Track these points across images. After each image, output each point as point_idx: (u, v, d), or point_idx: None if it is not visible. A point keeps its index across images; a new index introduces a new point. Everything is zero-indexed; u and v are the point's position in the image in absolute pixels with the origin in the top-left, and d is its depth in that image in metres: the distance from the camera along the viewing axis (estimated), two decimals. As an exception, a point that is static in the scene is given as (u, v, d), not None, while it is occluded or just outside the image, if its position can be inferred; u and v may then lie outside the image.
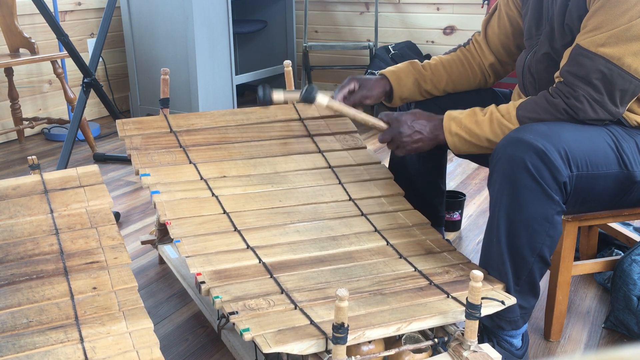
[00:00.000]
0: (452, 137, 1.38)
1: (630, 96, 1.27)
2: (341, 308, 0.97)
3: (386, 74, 1.62)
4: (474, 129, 1.34)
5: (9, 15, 2.96)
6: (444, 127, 1.39)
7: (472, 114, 1.36)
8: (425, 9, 3.74)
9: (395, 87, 1.60)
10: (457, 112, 1.39)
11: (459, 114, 1.38)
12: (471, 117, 1.36)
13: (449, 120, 1.38)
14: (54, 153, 3.09)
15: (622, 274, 1.48)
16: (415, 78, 1.61)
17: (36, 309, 1.08)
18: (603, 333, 1.53)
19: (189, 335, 1.54)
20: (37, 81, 3.40)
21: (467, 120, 1.36)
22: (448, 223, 2.09)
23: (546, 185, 1.20)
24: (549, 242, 1.25)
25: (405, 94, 1.62)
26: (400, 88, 1.61)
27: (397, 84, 1.61)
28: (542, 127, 1.24)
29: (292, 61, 4.05)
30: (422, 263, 1.32)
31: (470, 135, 1.35)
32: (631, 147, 1.28)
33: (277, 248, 1.33)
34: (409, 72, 1.61)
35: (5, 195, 1.33)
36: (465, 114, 1.37)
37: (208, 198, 1.44)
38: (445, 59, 1.64)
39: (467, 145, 1.37)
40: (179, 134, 1.62)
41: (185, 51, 3.32)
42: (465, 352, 1.11)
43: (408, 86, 1.61)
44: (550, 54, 1.37)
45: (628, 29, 1.19)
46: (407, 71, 1.61)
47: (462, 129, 1.36)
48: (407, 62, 1.64)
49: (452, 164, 2.82)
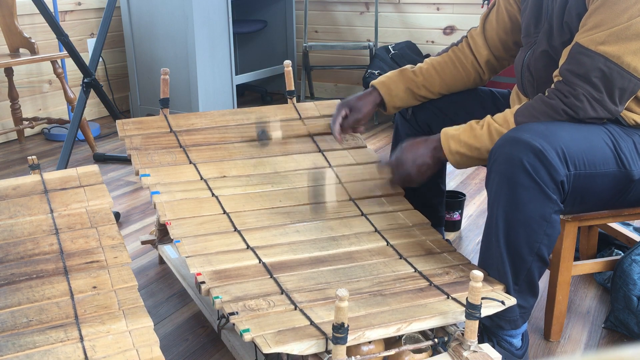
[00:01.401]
0: (453, 155, 1.37)
1: (629, 95, 1.27)
2: (341, 308, 0.97)
3: (376, 85, 1.63)
4: (474, 144, 1.33)
5: (9, 15, 2.96)
6: (443, 147, 1.38)
7: (470, 129, 1.35)
8: (425, 9, 3.75)
9: (386, 98, 1.62)
10: (453, 129, 1.38)
11: (455, 132, 1.37)
12: (469, 132, 1.35)
13: (447, 139, 1.37)
14: (54, 153, 3.09)
15: (622, 274, 1.48)
16: (407, 86, 1.61)
17: (36, 308, 1.08)
18: (603, 333, 1.53)
19: (189, 335, 1.54)
20: (37, 81, 3.40)
21: (466, 137, 1.34)
22: (448, 223, 2.09)
23: (544, 184, 1.20)
24: (547, 242, 1.25)
25: (398, 102, 1.63)
26: (391, 98, 1.62)
27: (388, 94, 1.62)
28: (540, 126, 1.24)
29: (292, 61, 4.05)
30: (422, 264, 1.32)
31: (471, 151, 1.34)
32: (629, 146, 1.28)
33: (277, 248, 1.33)
34: (399, 80, 1.61)
35: (5, 195, 1.34)
36: (462, 129, 1.36)
37: (208, 198, 1.44)
38: (436, 62, 1.63)
39: (470, 160, 1.36)
40: (179, 134, 1.62)
41: (185, 51, 3.32)
42: (465, 352, 1.11)
43: (400, 95, 1.62)
44: (549, 52, 1.37)
45: (628, 27, 1.19)
46: (397, 80, 1.62)
47: (462, 146, 1.35)
48: (398, 70, 1.64)
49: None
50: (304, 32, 3.82)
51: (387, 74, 1.64)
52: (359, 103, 1.61)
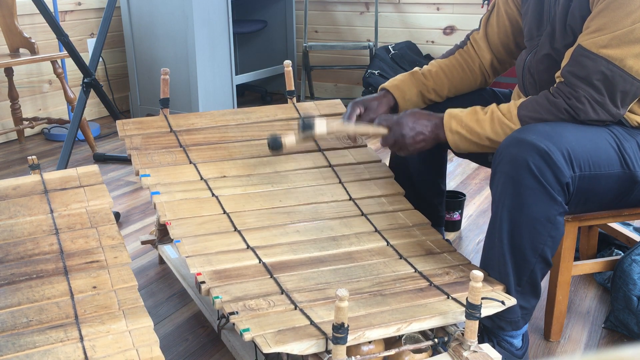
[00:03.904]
0: (452, 135, 1.37)
1: (632, 98, 1.27)
2: (341, 308, 0.97)
3: (390, 89, 1.60)
4: (475, 127, 1.34)
5: (9, 15, 2.96)
6: (444, 125, 1.38)
7: (473, 113, 1.36)
8: (425, 9, 3.75)
9: (400, 102, 1.59)
10: (457, 110, 1.39)
11: (459, 112, 1.38)
12: (472, 115, 1.36)
13: (450, 118, 1.38)
14: (54, 153, 3.09)
15: (622, 274, 1.48)
16: (419, 90, 1.60)
17: (36, 308, 1.08)
18: (603, 333, 1.53)
19: (189, 335, 1.54)
20: (37, 81, 3.40)
21: (468, 119, 1.35)
22: (448, 223, 2.09)
23: (549, 186, 1.20)
24: (550, 243, 1.25)
25: (410, 106, 1.61)
26: (405, 102, 1.60)
27: (402, 98, 1.59)
28: (545, 127, 1.24)
29: (292, 61, 4.05)
30: (422, 264, 1.32)
31: (471, 133, 1.35)
32: (633, 147, 1.28)
33: (277, 248, 1.33)
34: (412, 84, 1.60)
35: (5, 195, 1.33)
36: (466, 112, 1.37)
37: (208, 198, 1.44)
38: (445, 65, 1.63)
39: (468, 143, 1.37)
40: (179, 134, 1.62)
41: (185, 51, 3.32)
42: (465, 352, 1.11)
43: (413, 100, 1.60)
44: (551, 55, 1.37)
45: (631, 31, 1.19)
46: (410, 84, 1.60)
47: (463, 127, 1.35)
48: (409, 73, 1.62)
49: (452, 164, 2.82)
50: (304, 32, 3.82)
51: (399, 77, 1.62)
52: (374, 103, 1.57)
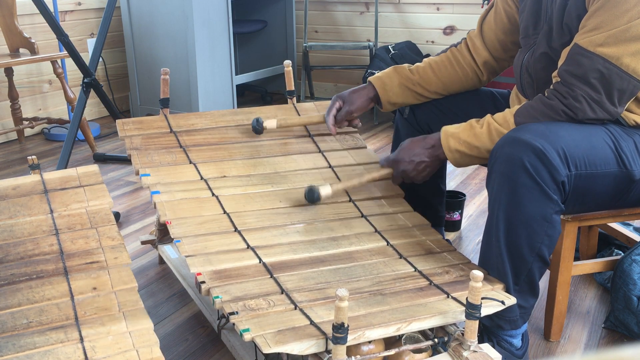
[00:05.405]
0: (452, 154, 1.37)
1: (629, 96, 1.27)
2: (341, 308, 0.97)
3: (371, 80, 1.64)
4: (474, 143, 1.34)
5: (9, 15, 2.96)
6: (442, 145, 1.38)
7: (469, 128, 1.36)
8: (425, 9, 3.74)
9: (380, 92, 1.62)
10: (453, 127, 1.38)
11: (455, 130, 1.37)
12: (469, 131, 1.35)
13: (447, 137, 1.38)
14: (54, 153, 3.09)
15: (622, 274, 1.48)
16: (401, 82, 1.62)
17: (36, 309, 1.08)
18: (603, 333, 1.53)
19: (189, 335, 1.54)
20: (37, 81, 3.40)
21: (466, 135, 1.35)
22: (448, 223, 2.09)
23: (544, 184, 1.20)
24: (547, 242, 1.25)
25: (393, 98, 1.63)
26: (385, 92, 1.62)
27: (382, 89, 1.62)
28: (540, 126, 1.24)
29: (292, 61, 4.05)
30: (422, 263, 1.32)
31: (471, 149, 1.35)
32: (630, 146, 1.28)
33: (277, 248, 1.33)
34: (394, 76, 1.62)
35: (5, 195, 1.33)
36: (462, 128, 1.37)
37: (208, 198, 1.44)
38: (433, 61, 1.64)
39: (469, 159, 1.37)
40: (179, 134, 1.62)
41: (185, 51, 3.32)
42: (465, 352, 1.11)
43: (394, 90, 1.62)
44: (548, 54, 1.37)
45: (627, 29, 1.19)
46: (392, 76, 1.62)
47: (462, 144, 1.35)
48: (392, 67, 1.65)
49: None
50: (304, 32, 3.81)
51: (383, 71, 1.66)
52: (353, 96, 1.63)
